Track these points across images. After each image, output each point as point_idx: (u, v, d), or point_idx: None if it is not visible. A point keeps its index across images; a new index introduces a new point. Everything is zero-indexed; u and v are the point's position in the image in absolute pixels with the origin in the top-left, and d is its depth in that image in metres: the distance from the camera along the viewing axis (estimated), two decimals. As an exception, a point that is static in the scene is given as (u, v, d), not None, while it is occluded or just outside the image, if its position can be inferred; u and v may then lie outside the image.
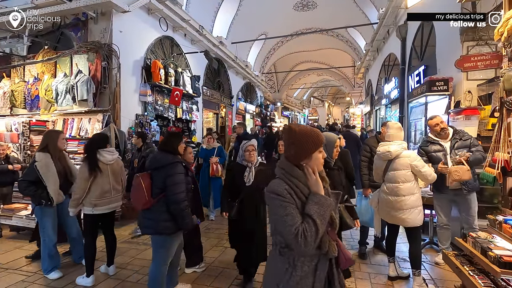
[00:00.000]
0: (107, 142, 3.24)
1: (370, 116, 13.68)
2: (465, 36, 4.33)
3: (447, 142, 3.20)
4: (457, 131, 3.22)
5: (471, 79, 4.33)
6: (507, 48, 2.64)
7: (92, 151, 3.05)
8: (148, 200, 2.41)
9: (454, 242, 3.57)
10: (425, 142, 3.37)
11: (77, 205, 3.02)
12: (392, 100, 8.70)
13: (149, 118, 6.49)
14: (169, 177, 2.40)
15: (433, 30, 5.71)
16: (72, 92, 5.36)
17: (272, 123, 16.77)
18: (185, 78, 7.78)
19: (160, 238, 2.49)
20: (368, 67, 13.48)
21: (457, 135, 3.18)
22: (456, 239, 2.80)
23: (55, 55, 5.73)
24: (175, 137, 2.64)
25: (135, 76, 6.29)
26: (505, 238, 2.42)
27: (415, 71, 6.28)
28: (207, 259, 3.60)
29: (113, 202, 3.18)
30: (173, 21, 7.37)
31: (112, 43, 5.54)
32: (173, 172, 2.42)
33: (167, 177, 2.41)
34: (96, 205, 3.03)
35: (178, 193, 2.39)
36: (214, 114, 10.92)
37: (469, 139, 3.12)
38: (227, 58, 10.96)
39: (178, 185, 2.40)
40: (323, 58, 19.23)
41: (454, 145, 3.15)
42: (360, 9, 10.96)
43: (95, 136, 3.40)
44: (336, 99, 34.78)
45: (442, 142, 3.22)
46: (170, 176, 2.41)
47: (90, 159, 3.01)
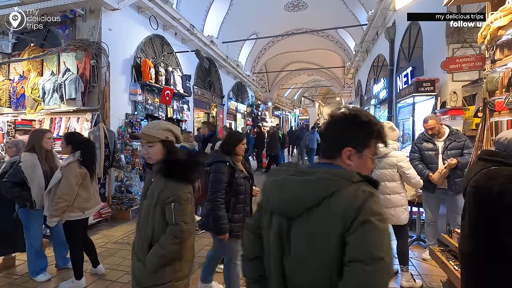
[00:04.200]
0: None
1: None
2: (451, 38, 4.46)
3: (441, 142, 3.30)
4: (453, 132, 3.31)
5: (456, 80, 4.46)
6: (490, 51, 2.74)
7: (89, 149, 3.00)
8: (202, 194, 2.59)
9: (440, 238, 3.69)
10: (420, 139, 3.47)
11: (63, 213, 2.77)
12: (381, 101, 8.86)
13: (140, 117, 6.41)
14: (210, 174, 2.43)
15: (420, 32, 5.85)
16: (60, 90, 5.25)
17: (263, 122, 16.81)
18: (176, 77, 7.72)
19: (211, 234, 2.56)
20: (357, 67, 13.68)
21: (452, 136, 3.27)
22: (442, 235, 2.90)
23: (42, 53, 5.59)
24: (233, 138, 2.60)
25: (125, 75, 6.21)
26: (488, 233, 2.50)
27: (403, 72, 6.41)
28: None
29: (98, 203, 3.15)
30: (164, 19, 7.31)
31: (101, 41, 5.45)
32: (214, 170, 2.42)
33: (209, 174, 2.44)
34: (86, 209, 2.94)
35: (213, 192, 2.37)
36: (205, 113, 10.87)
37: (464, 141, 3.23)
38: (218, 57, 10.93)
39: (215, 184, 2.38)
40: (314, 59, 19.39)
41: (448, 146, 3.25)
42: (349, 11, 11.11)
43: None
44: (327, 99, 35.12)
45: (437, 141, 3.32)
46: (211, 173, 2.43)
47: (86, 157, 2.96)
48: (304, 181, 0.92)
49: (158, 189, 1.60)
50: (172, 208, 1.54)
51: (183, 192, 1.57)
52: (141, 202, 1.75)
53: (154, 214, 1.59)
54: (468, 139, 3.29)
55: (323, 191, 0.88)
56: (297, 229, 0.92)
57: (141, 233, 1.64)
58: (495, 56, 2.67)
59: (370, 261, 0.76)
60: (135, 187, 5.66)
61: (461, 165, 3.13)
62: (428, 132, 3.36)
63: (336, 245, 0.83)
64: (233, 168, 2.44)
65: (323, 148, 1.05)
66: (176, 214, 1.54)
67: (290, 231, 0.94)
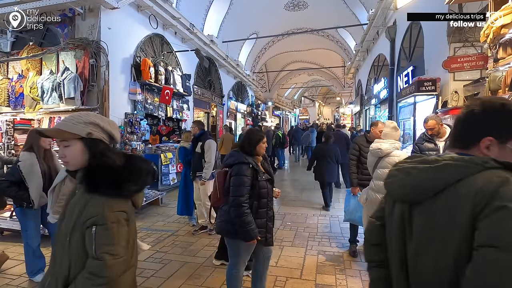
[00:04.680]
0: None
1: (360, 115, 13.87)
2: (452, 38, 4.43)
3: (442, 142, 3.27)
4: None
5: (457, 79, 4.44)
6: (493, 50, 2.71)
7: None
8: (219, 198, 2.36)
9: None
10: (421, 139, 3.44)
11: None
12: (381, 100, 8.83)
13: (139, 117, 6.39)
14: (232, 177, 2.25)
15: (421, 31, 5.82)
16: (59, 90, 5.23)
17: (263, 122, 16.78)
18: (176, 77, 7.69)
19: (229, 240, 2.35)
20: (358, 67, 13.66)
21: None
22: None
23: (41, 52, 5.57)
24: (253, 136, 2.37)
25: (124, 74, 6.18)
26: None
27: (403, 71, 6.39)
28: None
29: None
30: (163, 18, 7.28)
31: (100, 40, 5.42)
32: (237, 172, 2.23)
33: (231, 177, 2.26)
34: None
35: (237, 196, 2.19)
36: (205, 113, 10.85)
37: None
38: (218, 57, 10.90)
39: (239, 188, 2.20)
40: (314, 58, 19.37)
41: (447, 145, 3.22)
42: (350, 10, 11.09)
43: None
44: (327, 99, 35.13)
45: (438, 141, 3.29)
46: (233, 176, 2.24)
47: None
48: (431, 167, 0.91)
49: (79, 206, 1.15)
50: (92, 233, 1.08)
51: (112, 210, 1.12)
52: (59, 224, 1.25)
53: (71, 241, 1.13)
54: None
55: (450, 176, 0.86)
56: (420, 215, 0.93)
57: (56, 267, 1.17)
58: (498, 55, 2.64)
59: (506, 248, 0.73)
60: (134, 186, 5.63)
61: None
62: (428, 132, 3.35)
63: (463, 230, 0.81)
64: (256, 170, 2.27)
65: (453, 138, 1.02)
66: (98, 242, 1.08)
67: (412, 218, 0.95)
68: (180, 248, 3.93)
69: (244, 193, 2.19)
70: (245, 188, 2.19)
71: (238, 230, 2.19)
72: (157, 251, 3.82)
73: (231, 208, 2.22)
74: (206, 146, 4.19)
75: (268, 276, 3.17)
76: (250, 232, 2.16)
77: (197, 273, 3.24)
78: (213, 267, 3.37)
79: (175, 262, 3.50)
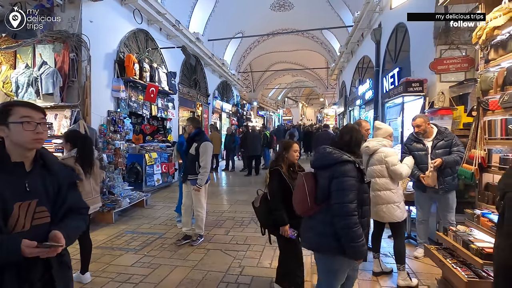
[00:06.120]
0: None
1: (344, 116, 14.10)
2: (439, 40, 4.55)
3: (430, 141, 3.32)
4: (441, 132, 3.33)
5: (443, 81, 4.55)
6: (484, 51, 2.78)
7: (85, 144, 2.84)
8: (310, 206, 1.92)
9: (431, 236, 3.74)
10: (409, 140, 3.48)
11: None
12: (366, 101, 8.99)
13: (122, 115, 6.12)
14: (335, 179, 1.85)
15: (406, 34, 5.96)
16: (36, 85, 4.90)
17: (248, 122, 16.69)
18: (161, 74, 7.46)
19: (323, 257, 1.98)
20: (342, 69, 13.87)
21: (440, 135, 3.30)
22: (438, 233, 2.91)
23: (15, 44, 5.19)
24: (358, 136, 2.04)
25: (107, 70, 5.89)
26: (483, 231, 2.53)
27: (389, 73, 6.51)
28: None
29: (95, 203, 2.98)
30: (148, 13, 7.02)
31: (81, 33, 5.13)
32: (341, 173, 1.84)
33: (333, 179, 1.86)
34: None
35: (345, 203, 1.79)
36: (191, 112, 10.61)
37: (451, 139, 3.25)
38: (204, 55, 10.71)
39: (345, 192, 1.80)
40: (298, 59, 19.54)
41: (435, 145, 3.28)
42: (335, 12, 11.25)
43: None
44: (310, 100, 35.57)
45: (426, 141, 3.34)
46: (336, 178, 1.85)
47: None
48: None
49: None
50: None
51: None
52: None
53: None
54: (456, 137, 3.33)
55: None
56: None
57: None
58: (489, 56, 2.71)
59: None
60: (117, 188, 5.38)
61: (449, 164, 3.16)
62: (415, 129, 3.40)
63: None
64: (361, 170, 1.90)
65: None
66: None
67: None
68: (169, 251, 3.77)
69: (353, 199, 1.81)
70: (353, 192, 1.82)
71: (344, 245, 1.81)
72: (145, 255, 3.65)
73: (335, 218, 1.82)
74: (202, 148, 3.77)
75: (264, 277, 3.10)
76: (360, 248, 1.79)
77: (189, 277, 3.11)
78: (205, 271, 3.24)
79: (164, 266, 3.35)
